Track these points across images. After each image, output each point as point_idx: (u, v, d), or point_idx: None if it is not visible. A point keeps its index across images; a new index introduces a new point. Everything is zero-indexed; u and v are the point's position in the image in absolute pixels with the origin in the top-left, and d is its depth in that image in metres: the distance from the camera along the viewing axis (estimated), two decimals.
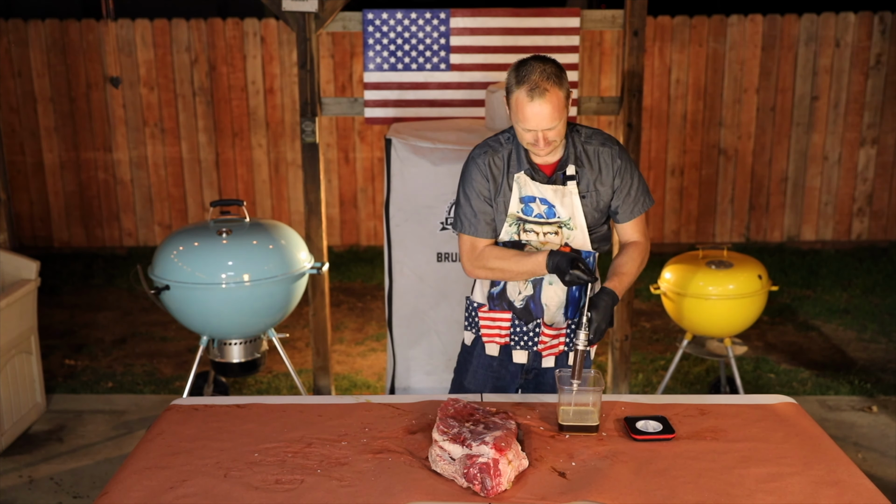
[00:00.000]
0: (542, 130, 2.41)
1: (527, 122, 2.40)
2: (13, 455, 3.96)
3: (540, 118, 2.38)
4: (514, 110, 2.43)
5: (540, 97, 2.37)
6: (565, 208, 2.55)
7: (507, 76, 2.46)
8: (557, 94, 2.39)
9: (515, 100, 2.40)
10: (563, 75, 2.42)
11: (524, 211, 2.57)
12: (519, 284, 2.65)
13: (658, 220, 7.07)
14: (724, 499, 2.05)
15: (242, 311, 3.70)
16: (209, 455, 2.26)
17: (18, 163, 6.92)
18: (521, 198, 2.56)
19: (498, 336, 2.73)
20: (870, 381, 4.69)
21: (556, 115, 2.39)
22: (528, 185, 2.54)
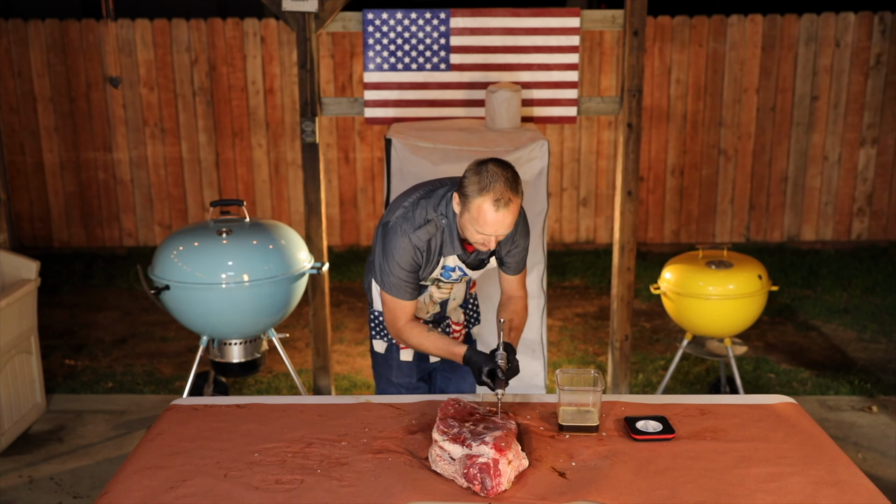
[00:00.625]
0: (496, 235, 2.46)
1: (486, 228, 2.42)
2: (13, 455, 3.96)
3: (501, 226, 2.42)
4: (473, 215, 2.42)
5: (504, 208, 2.39)
6: (478, 273, 2.75)
7: (465, 177, 2.44)
8: (518, 202, 2.44)
9: (478, 207, 2.39)
10: (520, 180, 2.46)
11: (443, 275, 2.71)
12: (427, 306, 2.82)
13: (658, 220, 7.07)
14: (724, 499, 2.05)
15: (242, 311, 3.70)
16: (209, 455, 2.26)
17: (18, 163, 6.92)
18: (444, 266, 2.67)
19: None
20: (870, 381, 4.69)
21: (514, 220, 2.46)
22: (454, 261, 2.66)
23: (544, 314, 4.11)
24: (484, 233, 2.44)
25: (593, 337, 5.37)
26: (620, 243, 4.26)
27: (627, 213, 4.22)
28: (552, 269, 6.37)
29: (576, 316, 5.71)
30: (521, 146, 3.83)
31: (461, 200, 2.47)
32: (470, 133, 3.93)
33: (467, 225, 2.47)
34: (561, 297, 6.05)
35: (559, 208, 7.04)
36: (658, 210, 7.04)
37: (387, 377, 2.97)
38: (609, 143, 6.94)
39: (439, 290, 2.78)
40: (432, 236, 2.58)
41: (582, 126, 6.91)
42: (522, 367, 4.14)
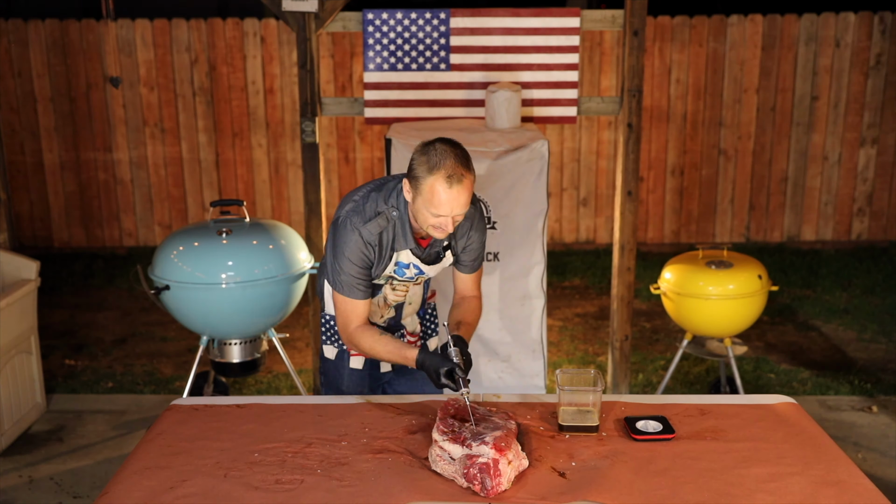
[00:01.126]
0: (452, 216, 2.39)
1: (441, 208, 2.35)
2: (13, 455, 3.96)
3: (456, 204, 2.36)
4: (426, 197, 2.35)
5: (458, 184, 2.34)
6: (434, 269, 2.66)
7: (412, 160, 2.39)
8: (471, 178, 2.38)
9: (430, 187, 2.34)
10: (470, 158, 2.41)
11: (397, 272, 2.63)
12: (381, 309, 2.74)
13: (658, 220, 7.07)
14: (724, 499, 2.05)
15: (242, 311, 3.70)
16: (209, 455, 2.26)
17: (18, 163, 6.92)
18: (397, 262, 2.60)
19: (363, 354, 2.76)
20: (870, 381, 4.69)
21: (469, 199, 2.39)
22: (407, 256, 2.59)
23: (544, 314, 4.11)
24: (439, 213, 2.37)
25: (593, 337, 5.37)
26: (620, 243, 4.26)
27: (627, 213, 4.22)
28: (552, 269, 6.37)
29: (576, 316, 5.71)
30: (521, 146, 3.83)
31: (412, 185, 2.40)
32: (470, 133, 3.93)
33: (421, 209, 2.39)
34: (561, 297, 6.05)
35: (559, 208, 7.04)
36: (658, 210, 7.04)
37: (336, 386, 2.85)
38: (609, 143, 6.94)
39: (394, 291, 2.68)
40: (383, 230, 2.50)
41: (582, 126, 6.91)
42: (522, 367, 4.17)
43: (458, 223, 2.46)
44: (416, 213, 2.44)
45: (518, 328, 4.08)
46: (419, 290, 2.79)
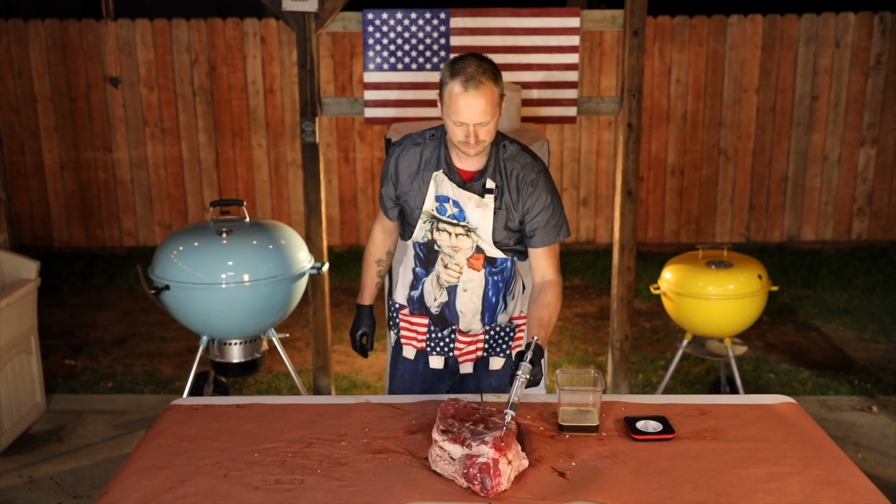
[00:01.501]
0: (473, 125, 2.35)
1: (459, 114, 2.34)
2: (13, 455, 3.96)
3: (473, 111, 2.33)
4: (446, 103, 2.37)
5: (475, 89, 2.31)
6: (475, 217, 2.52)
7: (441, 71, 2.42)
8: (492, 89, 2.35)
9: (449, 92, 2.35)
10: (499, 74, 2.39)
11: (438, 210, 2.55)
12: (434, 291, 2.65)
13: (658, 220, 7.07)
14: (724, 499, 2.05)
15: (242, 311, 3.70)
16: (209, 455, 2.26)
17: (18, 163, 6.92)
18: (436, 196, 2.54)
19: (415, 340, 2.75)
20: (870, 381, 4.69)
21: (490, 110, 2.35)
22: (445, 185, 2.51)
23: None
24: (459, 120, 2.34)
25: (593, 337, 5.37)
26: (620, 243, 4.26)
27: (627, 213, 4.22)
28: None
29: (576, 316, 5.72)
30: None
31: (439, 96, 2.41)
32: None
33: (447, 121, 2.39)
34: None
35: None
36: (658, 210, 7.04)
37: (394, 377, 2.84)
38: (609, 143, 6.94)
39: (446, 269, 2.60)
40: (419, 146, 2.54)
41: (582, 126, 6.91)
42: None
43: (481, 141, 2.38)
44: (447, 128, 2.43)
45: None
46: (478, 277, 2.61)
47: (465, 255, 2.59)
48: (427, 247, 2.62)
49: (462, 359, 2.73)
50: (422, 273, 2.68)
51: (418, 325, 2.73)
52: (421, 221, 2.58)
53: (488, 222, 2.51)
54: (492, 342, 2.73)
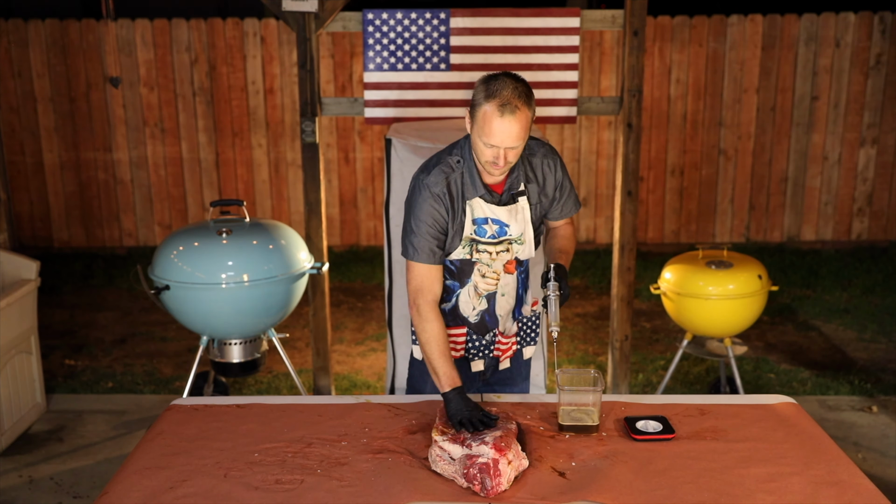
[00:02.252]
0: (504, 149, 2.36)
1: (492, 137, 2.33)
2: (13, 455, 3.96)
3: (507, 135, 2.33)
4: (479, 124, 2.35)
5: (510, 114, 2.31)
6: (517, 224, 2.56)
7: (475, 90, 2.39)
8: (526, 113, 2.34)
9: (483, 114, 2.33)
10: (532, 95, 2.38)
11: (477, 232, 2.54)
12: (473, 300, 2.65)
13: (658, 220, 7.07)
14: (724, 499, 2.05)
15: (242, 311, 3.70)
16: (209, 455, 2.26)
17: (18, 163, 6.92)
18: (473, 219, 2.53)
19: (453, 350, 2.64)
20: (870, 381, 4.69)
21: (523, 134, 2.35)
22: (481, 208, 2.52)
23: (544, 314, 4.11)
24: (491, 143, 2.33)
25: (593, 337, 5.37)
26: (620, 243, 4.26)
27: (627, 213, 4.22)
28: None
29: (576, 316, 5.71)
30: None
31: (470, 114, 2.39)
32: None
33: (476, 140, 2.37)
34: None
35: None
36: (658, 210, 7.04)
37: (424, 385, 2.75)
38: (609, 143, 6.94)
39: (483, 279, 2.60)
40: (449, 178, 2.47)
41: (582, 126, 6.91)
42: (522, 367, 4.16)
43: (509, 162, 2.40)
44: (474, 146, 2.42)
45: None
46: (512, 280, 2.65)
47: (501, 262, 2.62)
48: (462, 262, 2.61)
49: (503, 357, 2.79)
50: (455, 286, 2.64)
51: (456, 336, 2.69)
52: (460, 247, 2.56)
53: (529, 225, 2.58)
54: (522, 334, 2.82)
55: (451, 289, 2.64)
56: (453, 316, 2.67)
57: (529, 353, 2.85)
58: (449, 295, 2.65)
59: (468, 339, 2.70)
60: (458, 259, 2.58)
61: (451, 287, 2.64)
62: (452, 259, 2.59)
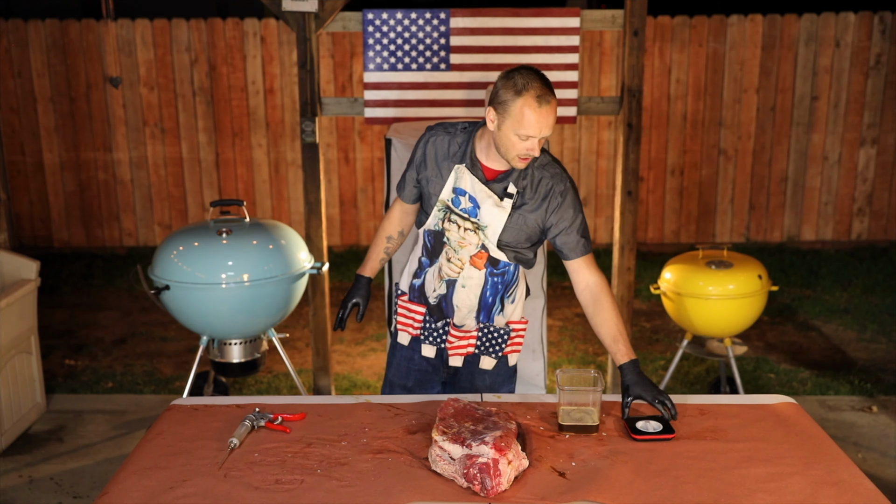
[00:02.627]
0: (539, 137, 2.43)
1: (531, 128, 2.40)
2: (13, 455, 3.96)
3: (545, 125, 2.41)
4: (515, 118, 2.40)
5: (547, 104, 2.40)
6: (488, 216, 2.57)
7: (497, 86, 2.46)
8: (555, 102, 2.45)
9: (520, 108, 2.39)
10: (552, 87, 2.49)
11: (453, 201, 2.61)
12: (434, 282, 2.71)
13: (658, 220, 7.07)
14: (724, 499, 2.05)
15: (242, 311, 3.70)
16: (209, 455, 2.26)
17: (18, 163, 6.92)
18: (453, 187, 2.60)
19: (411, 327, 2.80)
20: (870, 381, 4.69)
21: (554, 122, 2.45)
22: (465, 179, 2.58)
23: (544, 314, 4.11)
24: (529, 134, 2.40)
25: (593, 337, 5.37)
26: (620, 243, 4.26)
27: (627, 213, 4.22)
28: (552, 269, 6.36)
29: (576, 316, 5.71)
30: None
31: (498, 112, 2.44)
32: None
33: (508, 134, 2.43)
34: (561, 297, 6.05)
35: None
36: (658, 210, 7.04)
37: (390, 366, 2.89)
38: (609, 143, 6.94)
39: (449, 262, 2.64)
40: (451, 135, 2.62)
41: (582, 126, 6.91)
42: (522, 368, 4.16)
43: (540, 146, 2.47)
44: (502, 141, 2.47)
45: None
46: (478, 275, 2.64)
47: (469, 251, 2.63)
48: (436, 237, 2.68)
49: (452, 352, 2.76)
50: (426, 263, 2.73)
51: (416, 312, 2.78)
52: (436, 209, 2.64)
53: (500, 224, 2.57)
54: (485, 341, 2.75)
55: (423, 265, 2.74)
56: (419, 293, 2.76)
57: (488, 365, 2.78)
58: (420, 271, 2.75)
59: (425, 319, 2.77)
60: (432, 229, 2.67)
61: (423, 263, 2.74)
62: (429, 229, 2.68)
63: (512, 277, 2.69)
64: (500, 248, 2.60)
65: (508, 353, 2.79)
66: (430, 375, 2.83)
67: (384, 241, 2.86)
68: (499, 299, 2.70)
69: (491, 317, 2.72)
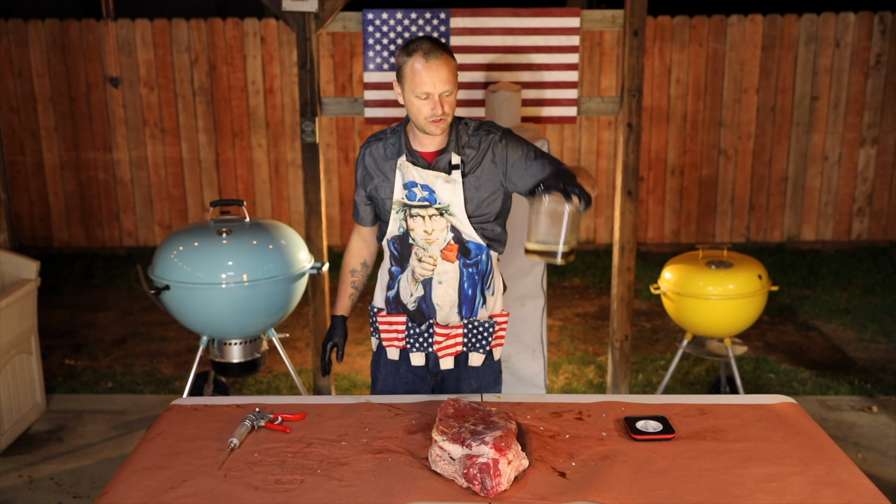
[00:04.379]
0: (439, 95, 2.45)
1: (424, 85, 2.43)
2: (13, 455, 3.96)
3: (437, 80, 2.44)
4: (409, 79, 2.46)
5: (436, 59, 2.44)
6: (445, 194, 2.57)
7: (396, 58, 2.52)
8: (450, 60, 2.47)
9: (410, 68, 2.45)
10: (450, 50, 2.52)
11: (408, 196, 2.61)
12: (410, 286, 2.68)
13: (658, 220, 7.07)
14: (724, 499, 2.05)
15: (242, 311, 3.70)
16: (209, 455, 2.26)
17: (18, 163, 6.92)
18: (404, 184, 2.60)
19: (396, 340, 2.74)
20: (870, 381, 4.69)
21: (452, 79, 2.47)
22: (410, 171, 2.59)
23: (544, 314, 4.11)
24: (424, 90, 2.44)
25: (593, 337, 5.37)
26: (620, 243, 4.26)
27: (627, 213, 4.22)
28: (552, 269, 6.37)
29: (576, 316, 5.72)
30: None
31: (398, 80, 2.51)
32: None
33: (411, 100, 2.48)
34: (561, 297, 6.05)
35: None
36: (658, 210, 7.04)
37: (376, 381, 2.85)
38: (609, 143, 6.94)
39: (420, 263, 2.63)
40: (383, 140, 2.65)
41: (582, 126, 6.91)
42: (522, 368, 4.17)
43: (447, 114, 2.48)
44: (410, 109, 2.52)
45: (518, 328, 4.08)
46: (452, 269, 2.63)
47: (438, 246, 2.62)
48: (402, 241, 2.65)
49: (442, 353, 2.72)
50: (397, 271, 2.70)
51: (397, 323, 2.73)
52: (394, 212, 2.62)
53: (459, 197, 2.56)
54: (471, 337, 2.73)
55: (394, 274, 2.71)
56: (396, 303, 2.73)
57: (477, 361, 2.75)
58: (392, 281, 2.72)
59: (407, 326, 2.72)
60: (397, 234, 2.65)
61: (394, 273, 2.71)
62: (392, 235, 2.66)
63: (486, 267, 2.67)
64: (472, 223, 2.59)
65: (494, 346, 2.78)
66: (417, 386, 2.79)
67: (349, 276, 2.83)
68: (479, 291, 2.68)
69: (475, 310, 2.70)
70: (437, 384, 2.80)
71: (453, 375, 2.77)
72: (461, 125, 2.61)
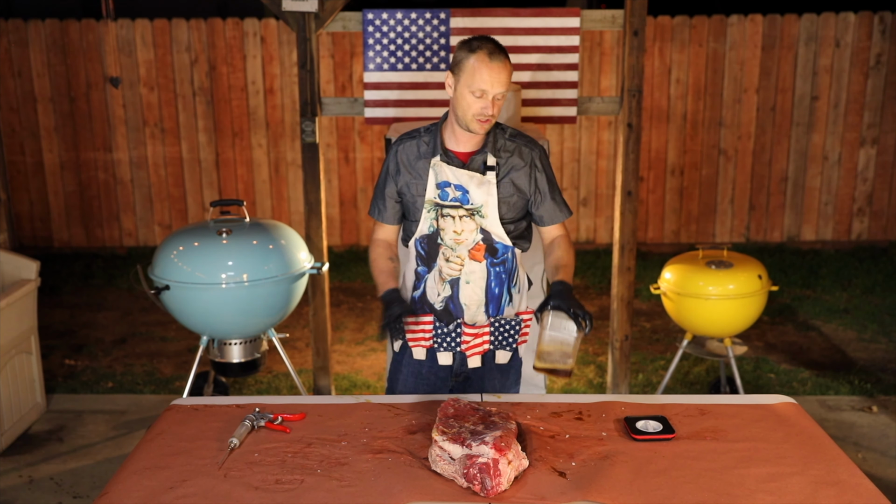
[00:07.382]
0: (493, 97, 2.48)
1: (483, 83, 2.46)
2: (13, 455, 3.96)
3: (497, 81, 2.47)
4: (468, 75, 2.48)
5: (499, 61, 2.47)
6: (479, 195, 2.60)
7: (456, 53, 2.55)
8: (509, 66, 2.52)
9: (472, 66, 2.47)
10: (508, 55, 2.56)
11: (440, 196, 2.62)
12: (437, 286, 2.69)
13: (658, 220, 7.07)
14: (724, 499, 2.05)
15: (242, 311, 3.70)
16: (209, 455, 2.26)
17: (18, 163, 6.92)
18: (437, 183, 2.62)
19: (423, 339, 2.74)
20: (870, 381, 4.69)
21: (508, 82, 2.51)
22: (444, 171, 2.61)
23: None
24: (482, 88, 2.46)
25: (593, 337, 5.37)
26: (620, 243, 4.26)
27: (627, 213, 4.22)
28: None
29: None
30: None
31: (454, 73, 2.53)
32: None
33: (464, 94, 2.50)
34: None
35: None
36: (658, 210, 7.04)
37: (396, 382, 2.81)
38: (609, 143, 6.94)
39: (448, 263, 2.64)
40: (417, 138, 2.67)
41: (582, 126, 6.91)
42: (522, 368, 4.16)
43: (494, 115, 2.51)
44: (459, 103, 2.53)
45: None
46: (479, 269, 2.65)
47: (466, 247, 2.64)
48: (430, 241, 2.66)
49: (470, 352, 2.73)
50: (424, 271, 2.71)
51: (424, 323, 2.72)
52: (425, 211, 2.64)
53: (493, 198, 2.60)
54: (497, 335, 2.75)
55: (421, 274, 2.72)
56: (422, 303, 2.73)
57: (503, 359, 2.78)
58: (419, 281, 2.73)
59: (435, 326, 2.72)
60: (426, 233, 2.65)
61: (421, 273, 2.72)
62: (422, 234, 2.66)
63: (512, 265, 2.71)
64: (503, 224, 2.63)
65: (521, 343, 2.81)
66: (437, 388, 2.78)
67: (388, 261, 2.73)
68: (506, 290, 2.71)
69: (501, 308, 2.73)
70: (457, 384, 2.80)
71: (477, 374, 2.78)
72: (498, 129, 2.66)
